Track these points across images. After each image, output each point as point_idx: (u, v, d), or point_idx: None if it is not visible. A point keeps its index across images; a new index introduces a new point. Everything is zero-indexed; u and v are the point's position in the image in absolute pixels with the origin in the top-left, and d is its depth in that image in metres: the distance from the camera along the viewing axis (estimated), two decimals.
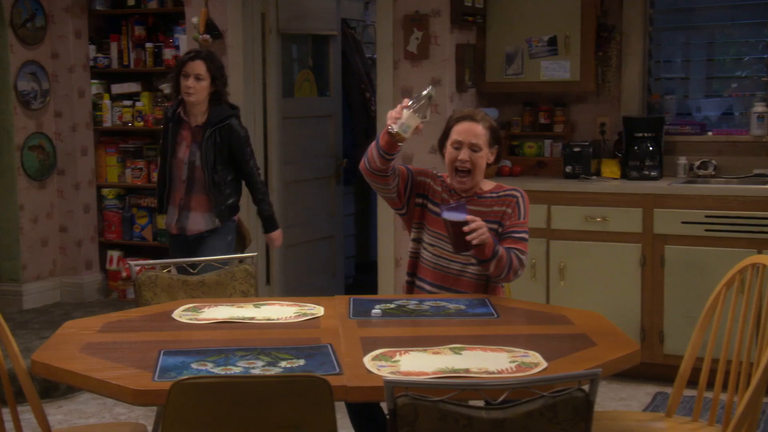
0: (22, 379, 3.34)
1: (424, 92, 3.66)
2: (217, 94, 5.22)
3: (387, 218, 6.23)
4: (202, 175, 5.21)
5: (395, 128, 3.62)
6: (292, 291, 6.87)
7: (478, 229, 3.57)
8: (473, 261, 3.87)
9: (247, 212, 6.21)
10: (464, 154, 3.86)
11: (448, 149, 3.93)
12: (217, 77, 5.19)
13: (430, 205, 3.96)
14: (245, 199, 5.56)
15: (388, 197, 4.00)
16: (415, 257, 4.04)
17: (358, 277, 8.25)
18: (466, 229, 3.56)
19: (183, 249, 5.29)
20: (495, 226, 3.86)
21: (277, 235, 5.56)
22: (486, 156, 3.93)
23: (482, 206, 3.92)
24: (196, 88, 5.09)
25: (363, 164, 3.88)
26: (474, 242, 3.58)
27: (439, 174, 4.06)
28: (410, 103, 3.64)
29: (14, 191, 7.07)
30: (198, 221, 5.27)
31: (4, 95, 7.00)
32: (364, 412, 3.66)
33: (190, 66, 5.10)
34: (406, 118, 3.61)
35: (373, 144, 3.81)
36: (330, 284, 7.43)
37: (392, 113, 3.66)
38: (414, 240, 4.04)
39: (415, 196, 3.98)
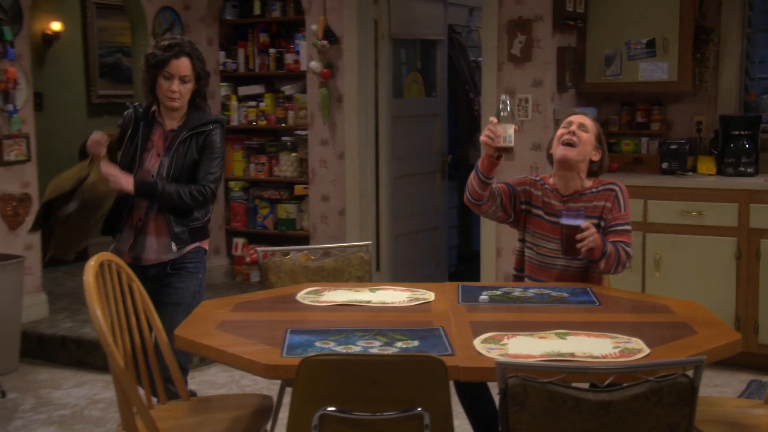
0: (165, 351, 3.46)
1: (502, 101, 3.58)
2: (201, 96, 4.07)
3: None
4: None
5: (503, 143, 3.53)
6: (399, 277, 6.87)
7: (588, 237, 3.51)
8: (578, 257, 3.79)
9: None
10: (574, 128, 3.81)
11: (558, 131, 3.88)
12: (202, 76, 4.01)
13: (533, 210, 3.91)
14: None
15: (495, 217, 3.96)
16: (521, 255, 3.99)
17: (460, 266, 8.21)
18: (578, 236, 3.50)
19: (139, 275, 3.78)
20: (596, 221, 3.77)
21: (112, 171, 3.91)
22: (591, 143, 3.85)
23: (584, 202, 3.84)
24: (182, 92, 3.92)
25: (466, 198, 3.86)
26: (582, 250, 3.53)
27: (538, 178, 4.00)
28: (500, 117, 3.55)
29: None
30: (154, 248, 4.02)
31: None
32: (473, 392, 3.61)
33: (174, 66, 3.87)
34: (504, 130, 3.53)
35: (471, 176, 3.76)
36: (434, 272, 7.39)
37: (488, 135, 3.55)
38: (520, 240, 3.99)
39: (519, 203, 3.92)
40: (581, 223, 3.52)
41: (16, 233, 6.13)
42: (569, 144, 3.80)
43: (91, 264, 3.20)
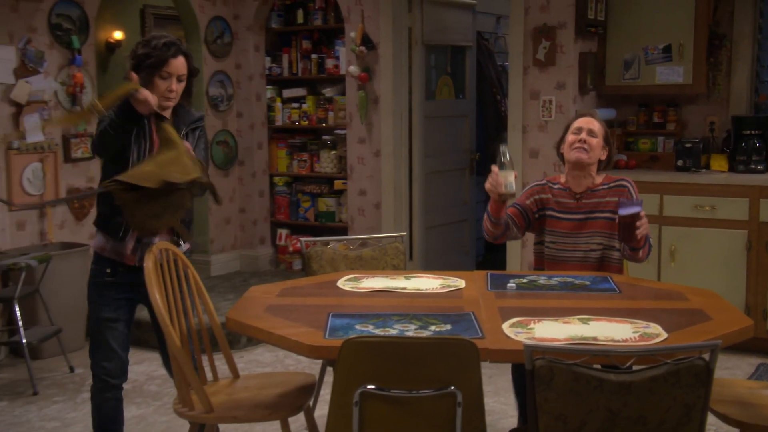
0: (217, 332, 3.51)
1: (502, 152, 3.64)
2: (188, 93, 3.70)
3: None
4: None
5: (505, 190, 3.59)
6: (430, 266, 6.86)
7: (645, 224, 3.51)
8: (593, 248, 3.79)
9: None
10: (583, 135, 3.80)
11: (568, 137, 3.86)
12: (194, 73, 3.68)
13: (547, 212, 3.90)
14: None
15: (516, 239, 4.06)
16: (540, 255, 3.97)
17: (487, 256, 8.17)
18: (638, 223, 3.48)
19: (132, 290, 3.61)
20: (608, 214, 3.75)
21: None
22: (600, 146, 3.84)
23: (597, 198, 3.82)
24: (177, 91, 3.57)
25: (486, 237, 3.91)
26: (640, 235, 3.51)
27: (545, 182, 3.98)
28: (499, 167, 3.60)
29: None
30: None
31: (198, 100, 7.15)
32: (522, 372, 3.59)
33: (173, 65, 3.51)
34: (505, 178, 3.58)
35: (484, 219, 3.84)
36: (463, 261, 7.38)
37: (492, 183, 3.62)
38: (537, 243, 3.98)
39: (532, 215, 3.92)
40: (639, 210, 3.49)
41: (81, 224, 6.19)
42: (582, 149, 3.79)
43: (152, 251, 3.24)
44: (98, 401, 3.63)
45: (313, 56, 7.30)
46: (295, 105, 7.45)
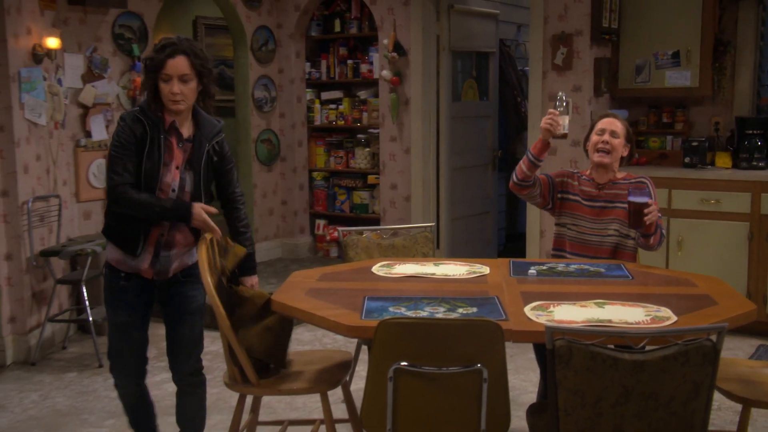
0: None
1: (559, 97, 3.69)
2: (205, 95, 3.26)
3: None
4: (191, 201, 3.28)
5: (562, 130, 3.64)
6: (455, 255, 6.83)
7: (653, 212, 3.49)
8: (610, 233, 3.77)
9: None
10: (606, 137, 3.80)
11: (593, 137, 3.86)
12: (204, 73, 3.20)
13: (570, 197, 3.87)
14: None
15: (535, 203, 3.95)
16: (560, 237, 3.93)
17: (508, 245, 8.15)
18: (646, 210, 3.46)
19: (147, 291, 3.36)
20: (626, 205, 3.72)
21: (256, 280, 3.55)
22: (622, 145, 3.84)
23: (617, 190, 3.80)
24: (184, 92, 3.15)
25: (512, 182, 3.85)
26: (648, 221, 3.48)
27: (575, 171, 3.97)
28: (559, 109, 3.64)
29: (250, 173, 7.26)
30: (180, 259, 3.37)
31: (244, 101, 7.19)
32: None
33: (171, 66, 3.10)
34: (562, 119, 3.63)
35: (521, 161, 3.78)
36: (485, 250, 7.36)
37: (549, 122, 3.64)
38: (557, 224, 3.94)
39: (557, 193, 3.89)
40: (647, 199, 3.49)
41: None
42: (604, 151, 3.79)
43: (204, 238, 3.25)
44: (123, 397, 3.50)
45: (349, 62, 7.30)
46: (333, 106, 7.45)
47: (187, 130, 3.28)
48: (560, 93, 3.73)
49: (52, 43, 5.39)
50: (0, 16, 4.94)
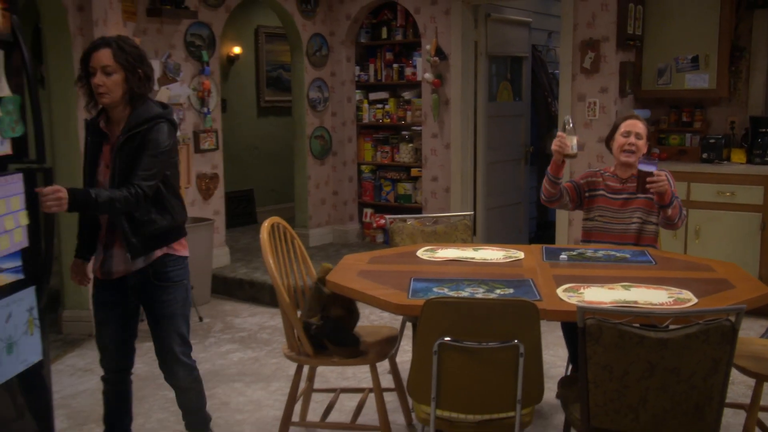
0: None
1: (566, 120, 3.64)
2: (132, 92, 2.89)
3: None
4: None
5: (570, 151, 3.59)
6: (490, 241, 6.83)
7: (659, 181, 3.47)
8: (633, 221, 3.73)
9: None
10: (632, 139, 3.78)
11: (618, 138, 3.83)
12: (129, 68, 2.86)
13: (597, 192, 3.85)
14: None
15: (567, 209, 3.97)
16: (588, 230, 3.91)
17: (539, 233, 8.09)
18: (649, 179, 3.47)
19: (118, 291, 3.04)
20: (648, 195, 3.69)
21: (50, 189, 2.65)
22: (644, 143, 3.82)
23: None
24: (107, 84, 2.83)
25: (542, 198, 3.85)
26: (651, 189, 3.49)
27: (599, 169, 3.95)
28: (565, 131, 3.61)
29: (305, 167, 7.29)
30: (121, 259, 2.98)
31: (300, 102, 7.22)
32: (573, 330, 3.54)
33: (95, 58, 2.84)
34: (570, 140, 3.59)
35: (543, 181, 3.79)
36: (518, 237, 7.32)
37: (558, 144, 3.61)
38: (586, 219, 3.92)
39: (584, 193, 3.88)
40: (653, 169, 3.48)
41: (207, 202, 6.31)
42: (630, 152, 3.78)
43: (265, 225, 3.29)
44: (104, 391, 3.24)
45: (395, 65, 7.29)
46: (379, 106, 7.45)
47: (118, 130, 2.94)
48: (566, 116, 3.68)
49: None
50: (89, 27, 5.02)
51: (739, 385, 4.11)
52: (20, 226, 2.57)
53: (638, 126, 3.79)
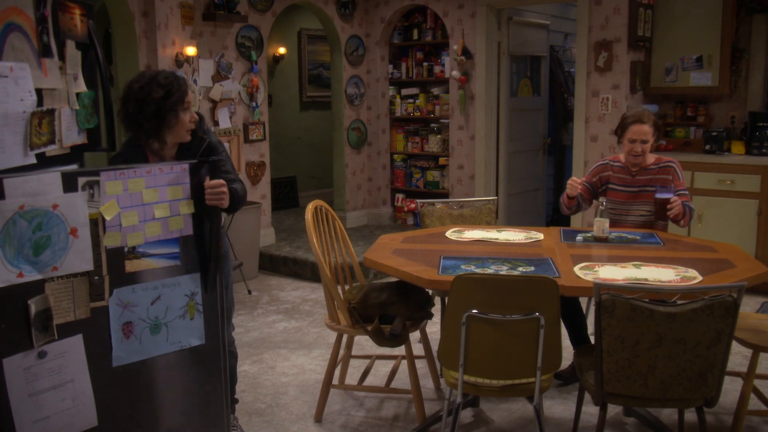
0: (355, 267, 3.53)
1: (601, 201, 3.51)
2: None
3: (578, 176, 6.00)
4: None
5: (602, 234, 3.42)
6: (511, 223, 6.80)
7: (674, 207, 3.43)
8: (642, 213, 3.70)
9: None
10: (638, 147, 3.64)
11: (626, 144, 3.68)
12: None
13: (610, 185, 3.76)
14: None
15: (587, 209, 3.90)
16: None
17: (555, 217, 8.01)
18: (668, 206, 3.42)
19: None
20: (648, 188, 3.65)
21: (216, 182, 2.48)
22: (651, 144, 3.69)
23: (648, 175, 3.70)
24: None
25: (563, 210, 3.81)
26: (670, 215, 3.45)
27: (607, 161, 3.82)
28: (599, 215, 3.46)
29: (342, 156, 7.31)
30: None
31: (338, 97, 7.23)
32: (569, 306, 3.54)
33: (190, 95, 2.65)
34: (603, 224, 3.43)
35: (563, 199, 3.76)
36: (536, 220, 7.28)
37: (572, 185, 3.62)
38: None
39: (599, 189, 3.80)
40: (671, 196, 3.42)
41: (255, 187, 6.36)
42: (636, 155, 3.66)
43: (310, 207, 3.31)
44: None
45: (425, 64, 7.26)
46: (411, 100, 7.42)
47: (171, 152, 2.70)
48: (601, 198, 3.54)
49: (191, 51, 5.51)
50: (153, 31, 5.08)
51: (737, 356, 4.07)
52: (179, 214, 2.41)
53: (644, 130, 3.61)
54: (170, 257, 2.39)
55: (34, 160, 2.38)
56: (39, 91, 2.40)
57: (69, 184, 2.17)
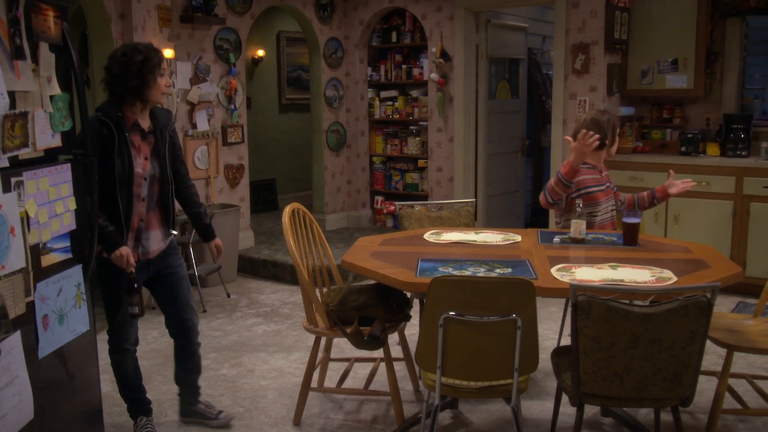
0: (333, 270, 3.50)
1: (578, 204, 3.45)
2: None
3: None
4: (159, 187, 3.01)
5: (581, 235, 3.40)
6: (490, 225, 6.82)
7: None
8: (610, 210, 3.75)
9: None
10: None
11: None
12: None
13: (589, 189, 3.65)
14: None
15: (560, 209, 3.70)
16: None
17: (533, 218, 8.05)
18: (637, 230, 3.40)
19: (144, 270, 3.06)
20: (609, 183, 3.76)
21: (220, 241, 3.41)
22: (608, 143, 3.71)
23: (606, 171, 3.82)
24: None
25: (545, 201, 3.55)
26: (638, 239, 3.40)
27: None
28: (577, 216, 3.41)
29: (322, 158, 7.29)
30: (158, 239, 3.07)
31: (317, 99, 7.21)
32: None
33: (165, 61, 2.95)
34: (579, 225, 3.39)
35: (552, 183, 3.49)
36: (515, 222, 7.31)
37: (582, 142, 3.42)
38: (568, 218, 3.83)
39: (572, 193, 3.64)
40: (638, 221, 3.39)
41: (234, 190, 6.33)
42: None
43: (287, 211, 3.29)
44: (119, 364, 3.14)
45: (404, 66, 7.27)
46: (389, 103, 7.43)
47: (145, 123, 2.97)
48: (578, 201, 3.51)
49: (168, 53, 5.47)
50: (130, 33, 5.04)
51: (712, 355, 4.11)
52: (69, 210, 2.63)
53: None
54: (65, 251, 2.58)
55: (6, 164, 2.35)
56: (12, 94, 2.37)
57: (5, 184, 2.27)
